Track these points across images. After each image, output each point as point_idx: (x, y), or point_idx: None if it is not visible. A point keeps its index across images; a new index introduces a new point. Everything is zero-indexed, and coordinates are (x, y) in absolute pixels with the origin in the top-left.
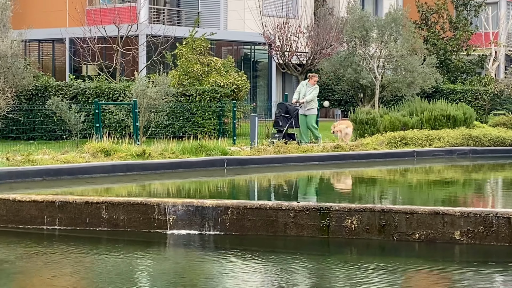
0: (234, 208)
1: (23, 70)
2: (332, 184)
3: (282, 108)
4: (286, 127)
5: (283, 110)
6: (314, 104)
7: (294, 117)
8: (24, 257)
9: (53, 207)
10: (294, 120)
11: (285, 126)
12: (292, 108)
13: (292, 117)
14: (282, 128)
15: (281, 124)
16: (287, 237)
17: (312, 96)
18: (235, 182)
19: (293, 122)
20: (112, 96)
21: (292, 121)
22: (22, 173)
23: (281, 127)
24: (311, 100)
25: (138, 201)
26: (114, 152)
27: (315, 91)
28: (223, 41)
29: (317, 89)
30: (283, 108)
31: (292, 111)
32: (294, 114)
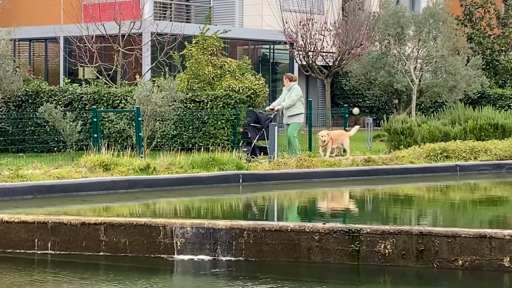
0: (250, 231)
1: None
2: (363, 203)
3: (251, 117)
4: (256, 139)
5: (253, 119)
6: (296, 110)
7: (266, 128)
8: (12, 286)
9: (45, 229)
10: (266, 131)
11: (254, 137)
12: (264, 116)
13: (264, 127)
14: (251, 140)
15: (250, 135)
16: (311, 264)
17: (291, 100)
18: (251, 200)
19: (264, 133)
20: (112, 103)
21: (263, 133)
22: (10, 190)
23: (250, 139)
24: (290, 106)
25: (142, 222)
26: (114, 166)
27: (294, 93)
28: (238, 39)
29: (297, 90)
30: (252, 116)
31: (263, 120)
32: (266, 124)
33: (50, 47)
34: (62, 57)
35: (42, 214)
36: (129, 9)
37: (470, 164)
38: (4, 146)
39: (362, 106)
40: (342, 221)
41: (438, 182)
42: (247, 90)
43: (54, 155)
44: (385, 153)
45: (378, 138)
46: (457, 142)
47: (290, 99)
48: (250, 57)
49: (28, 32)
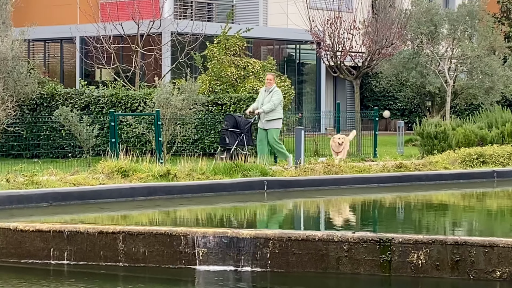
0: (276, 240)
1: (26, 75)
2: (394, 210)
3: (229, 121)
4: (235, 146)
5: (231, 124)
6: (276, 114)
7: (246, 133)
8: None
9: (61, 238)
10: (246, 137)
11: (233, 144)
12: (243, 121)
13: (243, 132)
14: (230, 146)
15: (228, 141)
16: (340, 275)
17: (272, 104)
18: (277, 208)
19: (244, 139)
20: (131, 106)
21: (242, 138)
22: (24, 198)
23: (228, 145)
24: (271, 110)
25: (162, 231)
26: (133, 172)
27: (275, 97)
28: (262, 39)
29: (279, 94)
30: (231, 120)
31: (242, 124)
32: (246, 128)
33: (65, 47)
34: (78, 58)
35: (58, 222)
36: (148, 7)
37: (508, 170)
38: (18, 152)
39: (393, 108)
40: (372, 230)
41: (474, 189)
42: None
43: (70, 161)
44: (418, 158)
45: (410, 143)
46: (494, 147)
47: (271, 103)
48: (275, 58)
49: (42, 32)
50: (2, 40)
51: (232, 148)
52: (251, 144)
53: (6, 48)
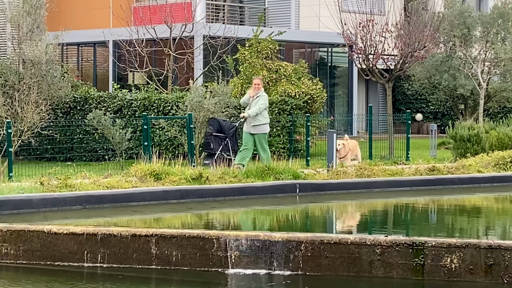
0: (308, 243)
1: (59, 79)
2: (427, 214)
3: (214, 125)
4: (219, 151)
5: (215, 128)
6: (262, 119)
7: (231, 137)
8: None
9: (94, 241)
10: (231, 141)
11: (217, 149)
12: (228, 125)
13: (228, 137)
14: (214, 151)
15: (212, 146)
16: (373, 278)
17: (258, 108)
18: (309, 211)
19: (228, 143)
20: (163, 109)
21: (227, 143)
22: (58, 201)
23: (212, 150)
24: (257, 114)
25: (194, 234)
26: (165, 175)
27: (262, 101)
28: (294, 42)
29: (265, 98)
30: (215, 125)
31: (227, 129)
32: (230, 133)
33: (99, 51)
34: (111, 61)
35: (92, 225)
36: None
37: None
38: (52, 155)
39: (426, 111)
40: (405, 234)
41: (507, 192)
42: (304, 96)
43: (103, 164)
44: (451, 162)
45: (443, 146)
46: None
47: (257, 107)
48: (307, 61)
49: (76, 36)
50: (37, 44)
51: (216, 153)
52: (236, 148)
53: (40, 52)
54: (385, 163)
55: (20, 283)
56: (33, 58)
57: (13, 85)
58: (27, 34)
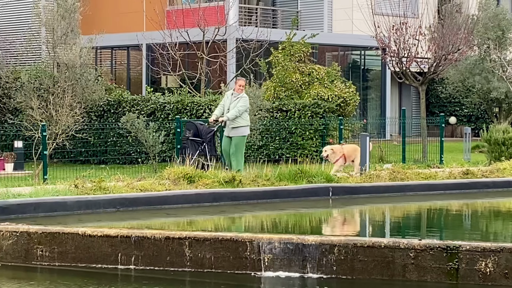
0: (341, 246)
1: (93, 82)
2: (462, 217)
3: (190, 129)
4: (195, 156)
5: (192, 132)
6: (243, 121)
7: (208, 142)
8: None
9: (128, 243)
10: (208, 146)
11: (193, 153)
12: (205, 129)
13: (205, 141)
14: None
15: (188, 151)
16: (407, 282)
17: (237, 111)
18: (342, 214)
19: (205, 148)
20: (196, 112)
21: (204, 148)
22: (92, 203)
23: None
24: (235, 117)
25: (227, 237)
26: (198, 178)
27: (241, 103)
28: (326, 45)
29: (246, 100)
30: (192, 129)
31: (204, 133)
32: (208, 137)
33: (132, 55)
34: (145, 65)
35: (125, 227)
36: (213, 14)
37: None
38: (86, 158)
39: (460, 114)
40: (439, 237)
41: None
42: (337, 99)
43: (136, 167)
44: (485, 165)
45: (477, 149)
46: None
47: (236, 109)
48: (340, 64)
49: (110, 39)
50: (71, 48)
51: (193, 158)
52: (214, 154)
53: (74, 56)
54: (418, 167)
55: (54, 285)
56: (68, 61)
57: (47, 89)
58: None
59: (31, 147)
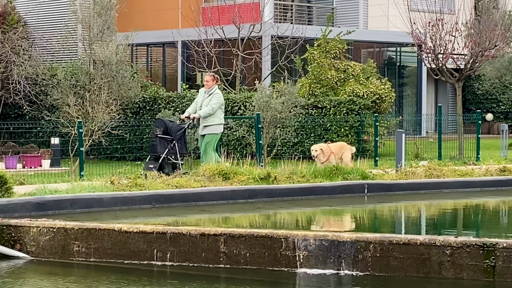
0: (377, 244)
1: (129, 79)
2: (498, 215)
3: (160, 126)
4: (164, 154)
5: (162, 130)
6: (215, 119)
7: (178, 140)
8: None
9: (164, 240)
10: (178, 144)
11: (162, 152)
12: (175, 126)
13: (175, 139)
14: (160, 154)
15: (157, 149)
16: (443, 280)
17: (210, 108)
18: (377, 211)
19: (175, 146)
20: (231, 109)
21: (174, 146)
22: (128, 199)
23: (158, 154)
24: (208, 115)
25: (263, 234)
26: (233, 175)
27: (215, 100)
28: (362, 42)
29: (219, 97)
30: (161, 126)
31: (174, 130)
32: (178, 135)
33: (168, 52)
34: (180, 62)
35: (161, 224)
36: (248, 11)
37: None
38: (122, 154)
39: (496, 111)
40: (475, 235)
41: None
42: (372, 95)
43: None
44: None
45: None
46: None
47: (209, 107)
48: (375, 60)
49: (145, 36)
50: (107, 45)
51: (162, 156)
52: (184, 152)
53: (110, 53)
54: (454, 164)
55: (91, 280)
56: (104, 58)
57: (84, 86)
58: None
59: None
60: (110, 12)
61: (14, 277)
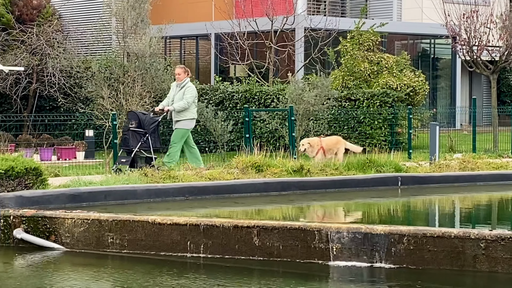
0: (410, 236)
1: (163, 72)
2: None
3: (132, 119)
4: (137, 148)
5: (134, 123)
6: (188, 114)
7: (151, 133)
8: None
9: (197, 232)
10: (151, 138)
11: (135, 146)
12: (148, 119)
13: (148, 132)
14: (132, 148)
15: (130, 143)
16: (477, 273)
17: (185, 102)
18: (411, 204)
19: (148, 140)
20: (264, 102)
21: (147, 139)
22: (162, 191)
23: (130, 147)
24: (183, 109)
25: (296, 226)
26: (266, 167)
27: (188, 94)
28: (396, 34)
29: (191, 90)
30: (134, 119)
31: (147, 124)
32: (151, 128)
33: (201, 44)
34: (213, 54)
35: (194, 216)
36: (282, 4)
37: None
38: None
39: None
40: (510, 228)
41: None
42: (406, 88)
43: (205, 156)
44: None
45: None
46: None
47: (184, 101)
48: (409, 53)
49: (179, 29)
50: (141, 37)
51: (134, 150)
52: (157, 146)
53: (144, 46)
54: (489, 156)
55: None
56: (137, 51)
57: (117, 78)
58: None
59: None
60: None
61: (49, 268)
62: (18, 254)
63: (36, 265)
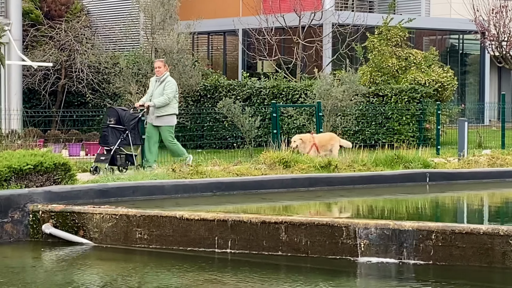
0: (439, 233)
1: (190, 68)
2: None
3: (112, 116)
4: (116, 145)
5: (114, 119)
6: (169, 109)
7: (131, 130)
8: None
9: (225, 227)
10: (132, 134)
11: (115, 143)
12: (128, 115)
13: (128, 129)
14: (111, 145)
15: (109, 140)
16: (506, 270)
17: (166, 98)
18: (439, 200)
19: (128, 137)
20: (292, 97)
21: (127, 136)
22: (189, 187)
23: (109, 145)
24: (164, 104)
25: (323, 222)
26: (294, 163)
27: (169, 89)
28: (424, 29)
29: (171, 85)
30: (113, 115)
31: (127, 120)
32: (131, 125)
33: (228, 40)
34: (241, 50)
35: (222, 212)
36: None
37: None
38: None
39: None
40: None
41: None
42: (434, 83)
43: (232, 152)
44: None
45: None
46: None
47: (165, 96)
48: (437, 48)
49: (206, 25)
50: (169, 33)
51: (113, 148)
52: (138, 143)
53: (172, 41)
54: None
55: (152, 267)
56: (165, 47)
57: (145, 74)
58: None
59: None
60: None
61: (78, 263)
62: (47, 249)
63: (65, 259)
